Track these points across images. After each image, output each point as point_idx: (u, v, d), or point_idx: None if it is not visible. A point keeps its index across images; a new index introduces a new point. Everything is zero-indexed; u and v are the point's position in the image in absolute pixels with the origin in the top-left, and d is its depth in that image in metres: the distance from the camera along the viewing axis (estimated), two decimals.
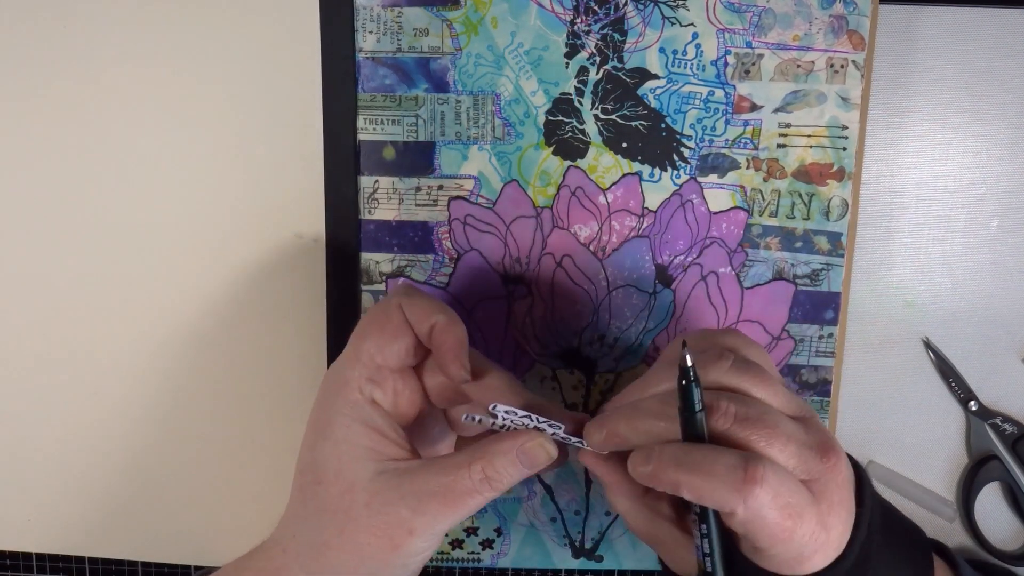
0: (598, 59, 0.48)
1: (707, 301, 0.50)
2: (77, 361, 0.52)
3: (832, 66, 0.48)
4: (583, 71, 0.48)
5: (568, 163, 0.49)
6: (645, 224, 0.50)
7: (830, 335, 0.50)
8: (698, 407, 0.33)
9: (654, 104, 0.49)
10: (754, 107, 0.49)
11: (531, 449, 0.36)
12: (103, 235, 0.51)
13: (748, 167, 0.49)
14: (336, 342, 0.51)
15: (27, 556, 0.55)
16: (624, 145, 0.49)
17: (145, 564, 0.55)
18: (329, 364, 0.51)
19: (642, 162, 0.49)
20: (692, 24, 0.48)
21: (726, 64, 0.48)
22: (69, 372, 0.52)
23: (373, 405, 0.38)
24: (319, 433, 0.38)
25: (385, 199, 0.50)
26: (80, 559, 0.55)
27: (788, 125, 0.49)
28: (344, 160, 0.49)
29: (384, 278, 0.50)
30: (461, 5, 0.48)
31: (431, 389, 0.41)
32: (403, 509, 0.35)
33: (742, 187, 0.49)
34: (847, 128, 0.48)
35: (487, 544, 0.53)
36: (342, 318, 0.51)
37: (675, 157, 0.49)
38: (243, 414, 0.52)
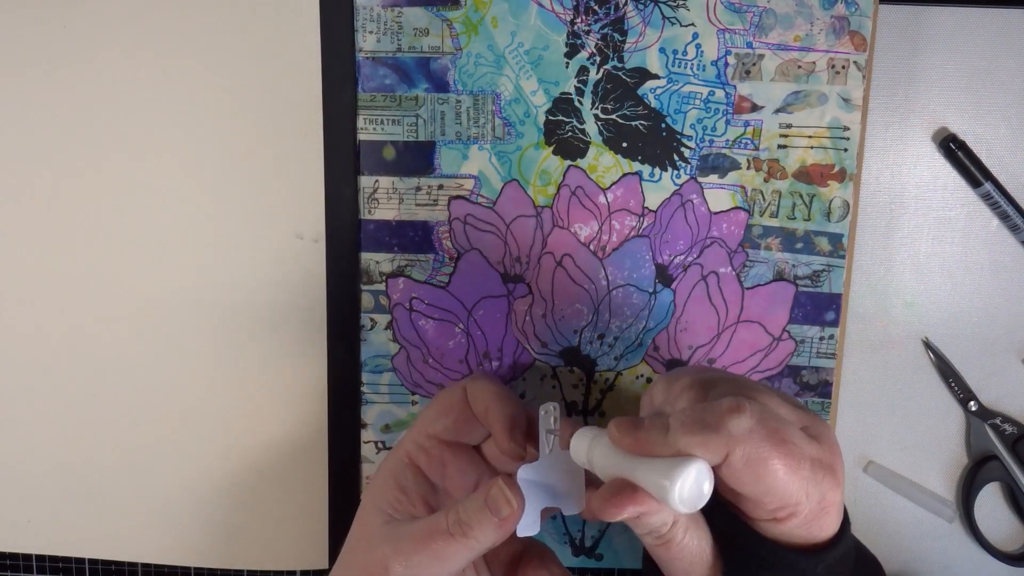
0: (598, 59, 0.48)
1: (707, 301, 0.50)
2: (77, 361, 0.52)
3: (833, 67, 0.48)
4: (583, 71, 0.48)
5: (568, 163, 0.49)
6: (645, 224, 0.50)
7: (831, 336, 0.50)
8: None
9: (654, 104, 0.49)
10: (755, 107, 0.48)
11: (494, 496, 0.37)
12: (102, 235, 0.51)
13: (749, 167, 0.49)
14: (336, 342, 0.51)
15: (27, 556, 0.55)
16: (624, 145, 0.49)
17: (145, 564, 0.55)
18: (329, 363, 0.51)
19: (642, 162, 0.49)
20: (692, 24, 0.48)
21: (726, 64, 0.48)
22: (69, 372, 0.52)
23: (412, 468, 0.42)
24: (369, 482, 0.44)
25: (385, 199, 0.50)
26: (80, 559, 0.55)
27: (789, 126, 0.48)
28: (344, 160, 0.49)
29: (384, 278, 0.50)
30: (461, 5, 0.48)
31: (500, 468, 0.44)
32: (387, 547, 0.38)
33: (743, 187, 0.49)
34: (848, 129, 0.48)
35: None
36: (342, 318, 0.51)
37: (675, 157, 0.49)
38: (243, 414, 0.52)
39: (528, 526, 0.38)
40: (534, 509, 0.38)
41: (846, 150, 0.49)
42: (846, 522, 0.36)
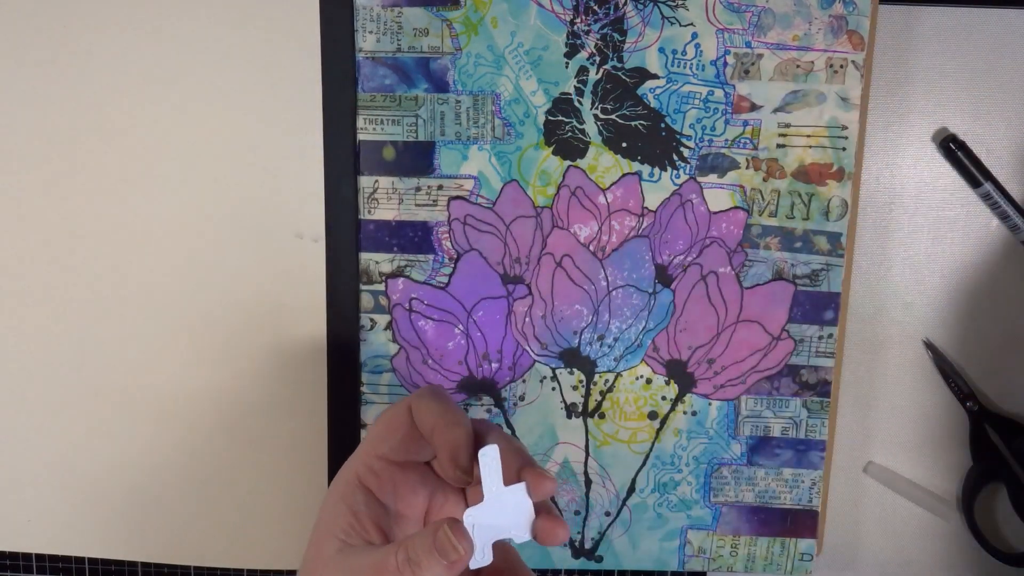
0: (598, 59, 0.48)
1: (707, 301, 0.50)
2: (76, 361, 0.52)
3: (832, 66, 0.48)
4: (583, 71, 0.48)
5: (568, 163, 0.49)
6: (645, 224, 0.50)
7: (830, 335, 0.50)
8: None
9: (654, 104, 0.49)
10: (753, 107, 0.49)
11: (441, 540, 0.37)
12: (103, 235, 0.51)
13: (748, 167, 0.49)
14: (336, 342, 0.51)
15: (27, 556, 0.55)
16: (624, 145, 0.49)
17: (145, 564, 0.55)
18: (328, 364, 0.51)
19: (642, 162, 0.49)
20: (691, 24, 0.48)
21: (725, 64, 0.48)
22: (68, 372, 0.52)
23: (363, 490, 0.41)
24: (322, 504, 0.42)
25: (385, 199, 0.50)
26: (80, 559, 0.55)
27: (788, 125, 0.49)
28: (344, 160, 0.49)
29: (384, 278, 0.50)
30: (461, 5, 0.48)
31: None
32: None
33: (742, 187, 0.49)
34: (847, 128, 0.48)
35: None
36: (342, 318, 0.51)
37: (675, 157, 0.49)
38: (242, 414, 0.52)
39: (479, 560, 0.38)
40: (484, 543, 0.38)
41: (845, 149, 0.49)
42: None
